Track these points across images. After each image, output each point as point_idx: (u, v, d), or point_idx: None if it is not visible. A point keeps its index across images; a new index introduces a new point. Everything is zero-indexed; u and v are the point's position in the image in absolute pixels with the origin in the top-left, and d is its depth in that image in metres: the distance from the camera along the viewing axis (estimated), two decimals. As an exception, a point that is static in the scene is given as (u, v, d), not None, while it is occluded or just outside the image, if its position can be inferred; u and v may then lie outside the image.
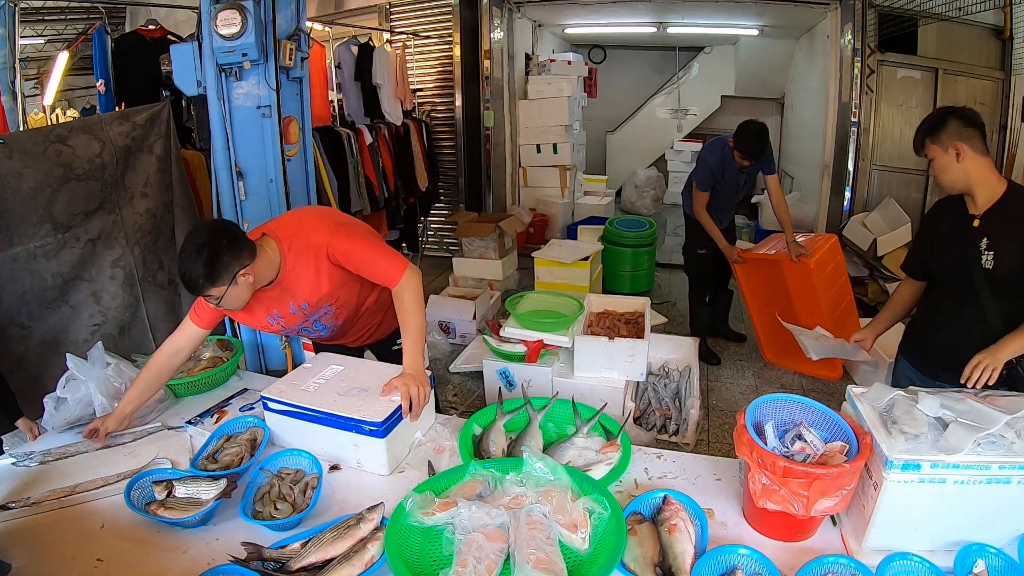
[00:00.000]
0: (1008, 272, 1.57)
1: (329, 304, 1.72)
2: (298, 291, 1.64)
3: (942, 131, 1.62)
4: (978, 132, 1.60)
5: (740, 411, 1.29)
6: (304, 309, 1.68)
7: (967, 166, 1.60)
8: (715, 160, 3.33)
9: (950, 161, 1.61)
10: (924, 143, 1.67)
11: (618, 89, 8.65)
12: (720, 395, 3.36)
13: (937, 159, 1.64)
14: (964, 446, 1.08)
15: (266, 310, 1.67)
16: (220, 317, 1.67)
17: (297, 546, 1.18)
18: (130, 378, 1.73)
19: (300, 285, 1.63)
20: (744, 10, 5.57)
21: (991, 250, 1.59)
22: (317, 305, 1.69)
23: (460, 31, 5.41)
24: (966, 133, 1.59)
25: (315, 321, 1.76)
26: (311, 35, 2.86)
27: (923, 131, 1.67)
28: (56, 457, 1.54)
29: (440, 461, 1.51)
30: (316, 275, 1.62)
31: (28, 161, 2.04)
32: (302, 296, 1.65)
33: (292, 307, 1.67)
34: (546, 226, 6.09)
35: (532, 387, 2.50)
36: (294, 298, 1.65)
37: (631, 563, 1.11)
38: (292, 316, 1.69)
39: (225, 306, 1.53)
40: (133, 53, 3.31)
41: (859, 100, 4.67)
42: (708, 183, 3.37)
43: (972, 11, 4.21)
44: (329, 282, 1.64)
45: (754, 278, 3.62)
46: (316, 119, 3.72)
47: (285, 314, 1.68)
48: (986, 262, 1.59)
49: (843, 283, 3.47)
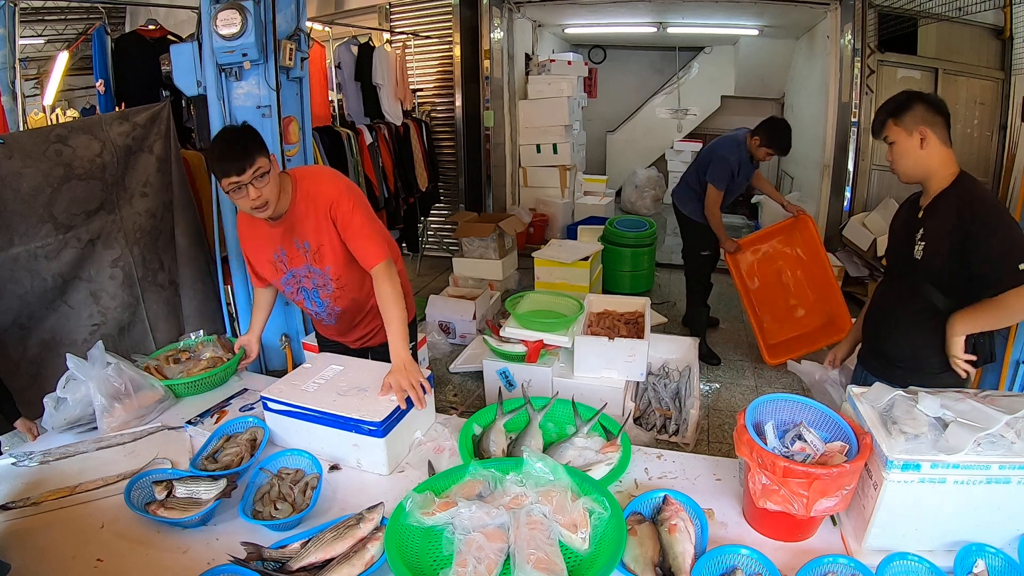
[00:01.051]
0: (934, 264, 1.54)
1: (330, 275, 1.77)
2: (302, 229, 1.71)
3: (907, 113, 1.54)
4: (944, 121, 1.53)
5: (740, 411, 1.29)
6: (307, 250, 1.74)
7: (929, 153, 1.54)
8: (735, 159, 3.30)
9: (912, 146, 1.54)
10: (886, 123, 1.58)
11: (618, 89, 8.66)
12: (720, 395, 3.36)
13: (899, 143, 1.56)
14: (964, 446, 1.08)
15: (273, 246, 1.75)
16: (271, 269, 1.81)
17: (297, 546, 1.18)
18: (130, 378, 1.72)
19: (304, 224, 1.71)
20: (744, 10, 5.57)
21: (923, 241, 1.56)
22: (318, 254, 1.73)
23: (460, 31, 5.41)
24: (932, 119, 1.52)
25: (315, 287, 1.80)
26: (311, 35, 2.86)
27: (887, 111, 1.58)
28: (56, 457, 1.54)
29: (440, 461, 1.51)
30: (317, 224, 1.70)
31: (28, 161, 2.04)
32: (305, 235, 1.71)
33: (296, 243, 1.73)
34: (546, 226, 6.09)
35: (532, 387, 2.50)
36: (298, 235, 1.72)
37: (631, 563, 1.11)
38: (296, 255, 1.75)
39: (267, 192, 1.57)
40: (133, 53, 3.31)
41: (859, 100, 4.68)
42: (725, 182, 3.32)
43: (972, 11, 4.21)
44: (328, 238, 1.71)
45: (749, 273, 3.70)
46: (316, 119, 3.72)
47: (289, 250, 1.75)
48: (916, 252, 1.57)
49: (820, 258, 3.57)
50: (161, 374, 1.87)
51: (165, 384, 1.79)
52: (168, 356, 1.97)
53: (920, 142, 1.53)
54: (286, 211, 1.69)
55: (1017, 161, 3.04)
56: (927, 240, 1.56)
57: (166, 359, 1.95)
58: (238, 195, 1.57)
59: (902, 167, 1.59)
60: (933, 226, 1.55)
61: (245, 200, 1.58)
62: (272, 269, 1.81)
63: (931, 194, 1.58)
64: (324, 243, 1.72)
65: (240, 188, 1.54)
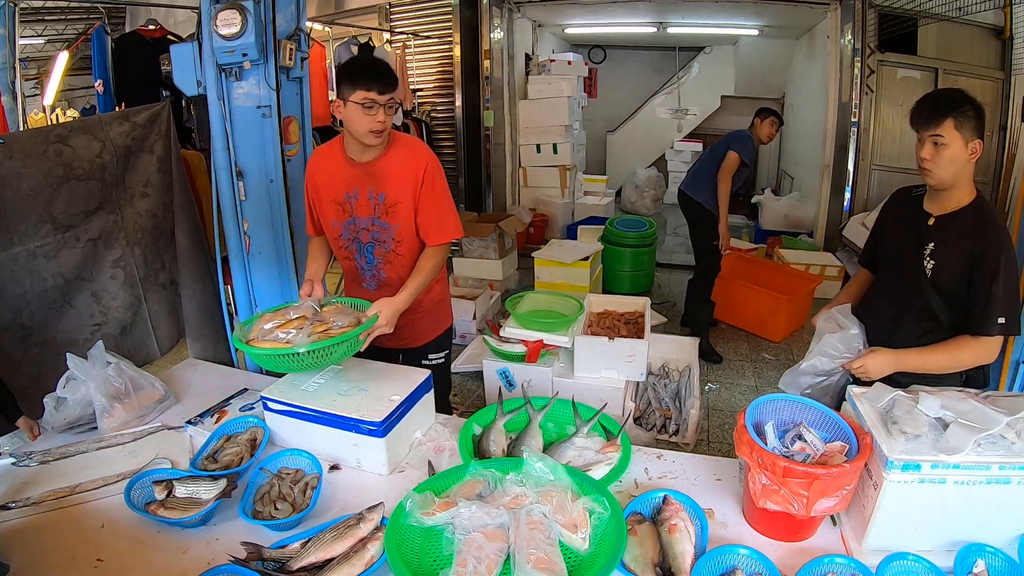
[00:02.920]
0: (943, 280, 1.50)
1: (394, 234, 1.80)
2: (383, 180, 1.75)
3: (967, 118, 1.39)
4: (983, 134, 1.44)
5: (740, 411, 1.29)
6: (378, 202, 1.77)
7: (972, 166, 1.44)
8: (751, 148, 3.42)
9: (964, 156, 1.41)
10: (944, 123, 1.40)
11: (618, 89, 8.65)
12: (720, 395, 3.36)
13: (953, 148, 1.40)
14: (964, 446, 1.07)
15: (347, 186, 1.78)
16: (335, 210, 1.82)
17: (297, 546, 1.18)
18: (130, 377, 1.72)
19: (387, 177, 1.75)
20: (744, 10, 5.57)
21: (933, 259, 1.50)
22: (393, 208, 1.77)
23: (460, 31, 5.42)
24: (982, 132, 1.42)
25: (373, 241, 1.82)
26: (311, 35, 2.86)
27: (946, 109, 1.40)
28: (56, 457, 1.54)
29: (440, 461, 1.51)
30: (403, 179, 1.75)
31: (28, 161, 2.03)
32: (384, 186, 1.76)
33: (370, 192, 1.77)
34: (546, 226, 6.09)
35: (532, 387, 2.50)
36: (375, 185, 1.76)
37: (631, 563, 1.11)
38: (365, 203, 1.78)
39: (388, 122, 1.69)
40: (133, 53, 3.32)
41: (859, 100, 4.68)
42: (747, 156, 3.40)
43: (972, 11, 4.22)
44: (410, 198, 1.75)
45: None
46: (316, 119, 3.72)
47: (361, 195, 1.78)
48: (927, 268, 1.52)
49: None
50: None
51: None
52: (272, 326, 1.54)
53: (971, 155, 1.41)
54: (374, 159, 1.75)
55: (1017, 161, 3.04)
56: (938, 259, 1.49)
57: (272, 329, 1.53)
58: (368, 112, 1.63)
59: (944, 173, 1.44)
60: (948, 246, 1.49)
61: (370, 119, 1.64)
62: (337, 210, 1.81)
63: (947, 205, 1.50)
64: (402, 201, 1.75)
65: (373, 106, 1.62)
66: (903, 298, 1.60)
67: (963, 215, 1.48)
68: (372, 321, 1.57)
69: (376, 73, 1.62)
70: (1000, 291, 1.40)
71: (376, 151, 1.74)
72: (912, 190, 1.65)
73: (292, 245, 2.34)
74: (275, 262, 2.34)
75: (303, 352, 1.41)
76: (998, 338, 1.43)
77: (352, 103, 1.62)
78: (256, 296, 2.37)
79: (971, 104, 1.42)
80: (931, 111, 1.43)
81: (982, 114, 1.43)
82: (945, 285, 1.50)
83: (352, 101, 1.62)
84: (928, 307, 1.54)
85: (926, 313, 1.55)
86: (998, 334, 1.42)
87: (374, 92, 1.61)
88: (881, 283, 1.74)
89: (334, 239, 1.87)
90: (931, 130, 1.43)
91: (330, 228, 1.85)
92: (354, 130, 1.68)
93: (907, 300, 1.59)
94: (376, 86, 1.61)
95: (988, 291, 1.41)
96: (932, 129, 1.42)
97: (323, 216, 1.85)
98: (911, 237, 1.57)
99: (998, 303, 1.41)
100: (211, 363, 2.25)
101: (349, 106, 1.63)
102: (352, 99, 1.62)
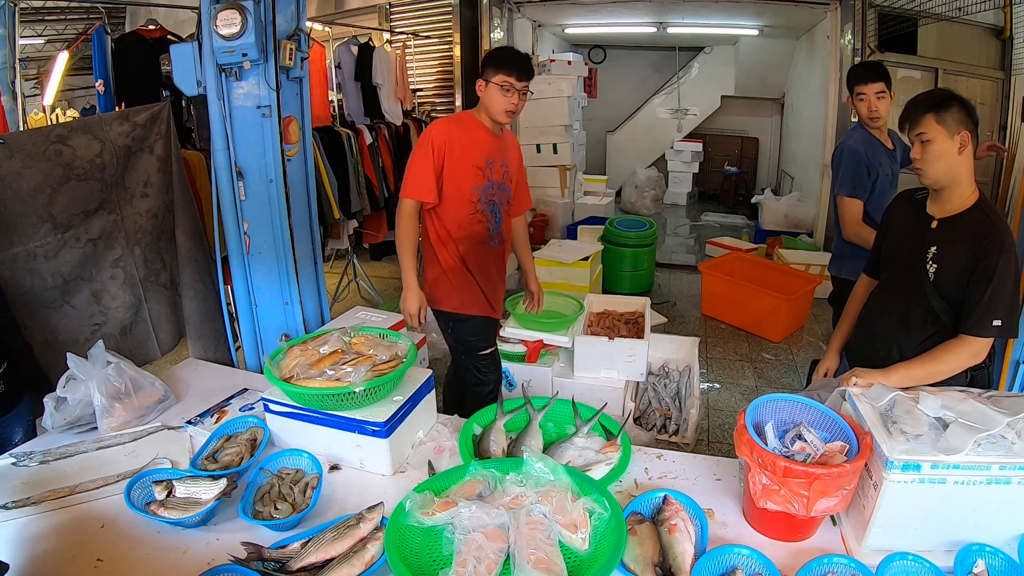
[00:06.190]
0: (946, 285, 1.49)
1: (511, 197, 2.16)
2: (508, 153, 2.11)
3: (949, 112, 1.42)
4: (976, 129, 1.45)
5: (740, 411, 1.29)
6: (505, 168, 2.11)
7: (964, 161, 1.44)
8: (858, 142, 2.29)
9: (951, 150, 1.42)
10: (924, 118, 1.44)
11: (618, 89, 8.65)
12: (720, 395, 3.36)
13: (938, 143, 1.43)
14: (964, 446, 1.07)
15: (488, 153, 2.03)
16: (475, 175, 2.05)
17: (297, 546, 1.18)
18: (131, 377, 1.72)
19: (509, 151, 2.14)
20: (744, 10, 5.57)
21: (936, 262, 1.49)
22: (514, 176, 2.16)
23: (460, 31, 5.42)
24: (970, 126, 1.43)
25: (502, 202, 2.13)
26: (311, 35, 2.86)
27: (927, 105, 1.44)
28: (56, 457, 1.54)
29: (440, 461, 1.51)
30: (515, 151, 2.18)
31: (28, 161, 2.03)
32: (509, 158, 2.12)
33: (503, 161, 2.09)
34: (546, 226, 6.09)
35: (532, 387, 2.50)
36: (505, 155, 2.10)
37: (631, 563, 1.11)
38: (498, 169, 2.08)
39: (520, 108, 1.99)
40: (133, 53, 3.31)
41: (859, 100, 4.67)
42: (860, 180, 2.23)
43: (972, 11, 4.22)
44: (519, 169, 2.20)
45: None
46: (316, 119, 3.72)
47: (497, 162, 2.06)
48: (929, 272, 1.51)
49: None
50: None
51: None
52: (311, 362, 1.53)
53: (960, 148, 1.42)
54: (502, 134, 2.08)
55: (1017, 161, 3.04)
56: (941, 262, 1.48)
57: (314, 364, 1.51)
58: (505, 94, 1.92)
59: (934, 170, 1.46)
60: (950, 249, 1.47)
61: (506, 101, 1.93)
62: (477, 175, 2.02)
63: (948, 207, 1.50)
64: (516, 171, 2.17)
65: (510, 90, 1.91)
66: (906, 302, 1.59)
67: (965, 217, 1.48)
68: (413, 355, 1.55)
69: (518, 62, 1.91)
70: (997, 292, 1.39)
71: (502, 128, 2.07)
72: (915, 193, 1.64)
73: (292, 245, 2.34)
74: (275, 262, 2.34)
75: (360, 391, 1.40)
76: (988, 339, 1.42)
77: (493, 84, 1.92)
78: (256, 296, 2.37)
79: (955, 100, 1.44)
80: (911, 111, 1.48)
81: (968, 108, 1.44)
82: (948, 288, 1.49)
83: (493, 82, 1.91)
84: (931, 310, 1.53)
85: (930, 317, 1.54)
86: (993, 336, 1.42)
87: (513, 78, 1.90)
88: (884, 287, 1.73)
89: (471, 202, 2.05)
90: (915, 129, 1.47)
91: (468, 192, 2.03)
92: (491, 107, 1.97)
93: (910, 304, 1.58)
94: (516, 73, 1.90)
95: (984, 292, 1.40)
96: (916, 128, 1.47)
97: (461, 180, 2.01)
98: (914, 240, 1.56)
99: (994, 304, 1.40)
100: (211, 363, 2.26)
101: (490, 86, 1.93)
102: (494, 80, 1.91)
